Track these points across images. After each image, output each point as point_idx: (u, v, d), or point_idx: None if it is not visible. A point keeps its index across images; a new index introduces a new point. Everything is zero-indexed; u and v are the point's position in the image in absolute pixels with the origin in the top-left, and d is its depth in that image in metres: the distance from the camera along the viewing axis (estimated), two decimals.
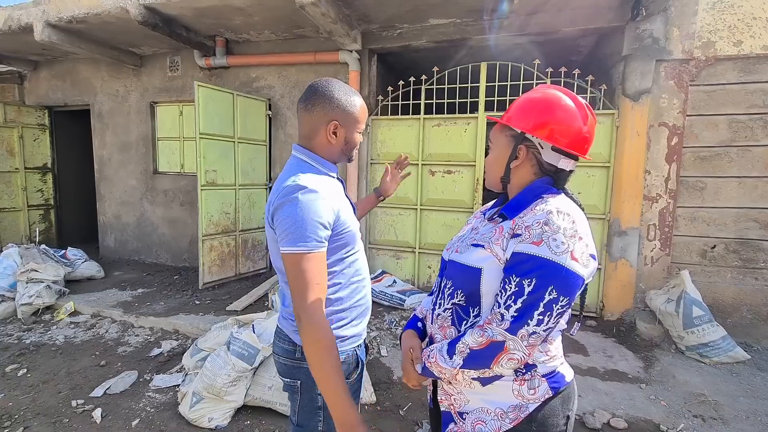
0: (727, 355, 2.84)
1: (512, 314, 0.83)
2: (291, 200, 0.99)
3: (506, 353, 0.84)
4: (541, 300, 0.81)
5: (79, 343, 3.18)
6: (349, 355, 1.15)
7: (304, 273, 0.97)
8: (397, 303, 3.74)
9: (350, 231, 1.11)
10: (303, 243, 0.97)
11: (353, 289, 1.16)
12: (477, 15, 3.61)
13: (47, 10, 3.95)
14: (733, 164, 3.21)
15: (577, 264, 0.82)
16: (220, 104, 4.12)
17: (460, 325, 0.97)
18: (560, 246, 0.81)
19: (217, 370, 2.27)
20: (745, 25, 3.06)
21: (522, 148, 0.95)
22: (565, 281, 0.81)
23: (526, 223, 0.87)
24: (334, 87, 1.11)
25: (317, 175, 1.10)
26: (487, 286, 0.91)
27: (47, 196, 5.80)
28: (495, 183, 1.03)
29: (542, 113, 0.93)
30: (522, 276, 0.83)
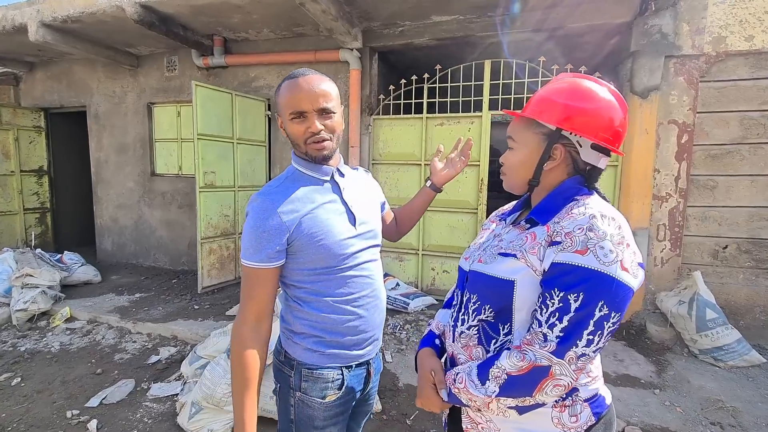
0: (743, 358, 2.76)
1: (557, 334, 0.73)
2: (247, 211, 1.00)
3: (552, 379, 0.74)
4: (590, 317, 0.72)
5: (75, 350, 3.10)
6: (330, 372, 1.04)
7: (243, 285, 0.99)
8: (401, 306, 3.66)
9: (326, 241, 0.98)
10: (246, 257, 0.97)
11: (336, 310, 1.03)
12: (481, 11, 3.54)
13: (42, 10, 3.87)
14: (745, 162, 3.13)
15: (628, 275, 0.72)
16: (218, 104, 4.03)
17: (488, 345, 0.86)
18: (608, 255, 0.72)
19: (216, 380, 2.18)
20: (757, 19, 2.98)
21: (558, 148, 0.84)
22: (617, 295, 0.71)
23: (565, 229, 0.77)
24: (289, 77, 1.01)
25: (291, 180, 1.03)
26: (521, 301, 0.81)
27: (43, 199, 5.71)
28: (519, 186, 0.92)
29: (581, 105, 0.82)
30: (567, 290, 0.73)
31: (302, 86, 0.97)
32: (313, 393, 1.02)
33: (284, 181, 1.03)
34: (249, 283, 0.97)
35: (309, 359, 1.03)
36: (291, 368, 1.04)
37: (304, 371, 1.03)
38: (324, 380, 1.03)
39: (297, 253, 0.99)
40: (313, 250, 0.98)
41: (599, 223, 0.74)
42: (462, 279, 0.97)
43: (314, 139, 0.99)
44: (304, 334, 1.03)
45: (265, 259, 0.95)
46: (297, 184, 1.02)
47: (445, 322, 1.05)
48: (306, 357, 1.03)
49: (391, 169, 4.13)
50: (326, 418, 1.04)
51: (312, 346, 1.03)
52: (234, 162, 4.27)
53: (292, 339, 1.05)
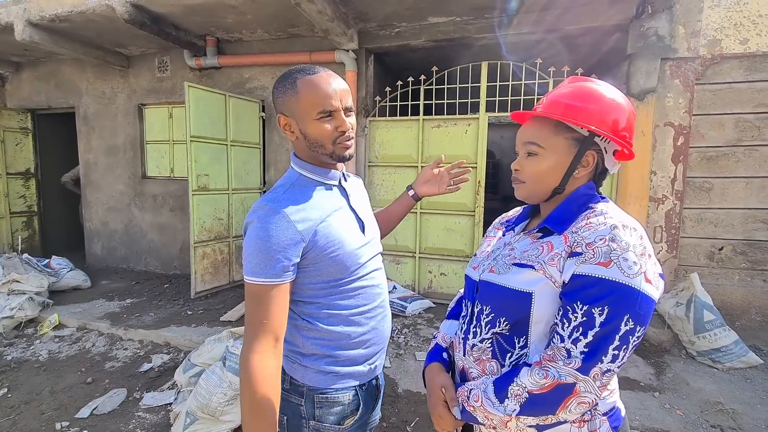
0: (740, 360, 2.77)
1: (582, 350, 0.70)
2: (252, 222, 0.88)
3: (576, 396, 0.71)
4: (616, 332, 0.69)
5: (64, 358, 3.01)
6: (346, 395, 0.97)
7: (252, 307, 0.87)
8: (399, 310, 3.62)
9: (342, 253, 0.93)
10: (255, 275, 0.86)
11: (352, 323, 0.97)
12: (478, 13, 3.52)
13: (28, 9, 3.77)
14: (740, 164, 3.15)
15: (651, 287, 0.70)
16: (211, 106, 3.96)
17: (503, 359, 0.83)
18: (632, 267, 0.69)
19: (212, 389, 2.12)
20: (752, 22, 3.00)
21: (591, 153, 0.82)
22: (641, 308, 0.69)
23: (586, 239, 0.74)
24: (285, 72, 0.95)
25: (301, 187, 0.95)
26: (540, 314, 0.78)
27: (30, 202, 5.57)
28: (543, 195, 0.86)
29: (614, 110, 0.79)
30: (591, 303, 0.70)
31: (328, 83, 0.91)
32: (329, 420, 0.95)
33: (290, 186, 0.95)
34: (262, 303, 0.86)
35: (322, 383, 0.95)
36: (300, 396, 0.96)
37: (317, 397, 0.95)
38: (340, 404, 0.96)
39: (309, 265, 0.91)
40: (327, 261, 0.92)
41: (622, 234, 0.72)
42: (471, 289, 0.92)
43: (344, 138, 0.94)
44: (316, 356, 0.96)
45: (280, 274, 0.86)
46: (306, 190, 0.95)
47: (451, 334, 1.01)
48: (318, 381, 0.95)
49: (387, 171, 4.09)
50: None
51: (325, 368, 0.95)
52: (228, 164, 4.19)
53: (300, 362, 0.97)
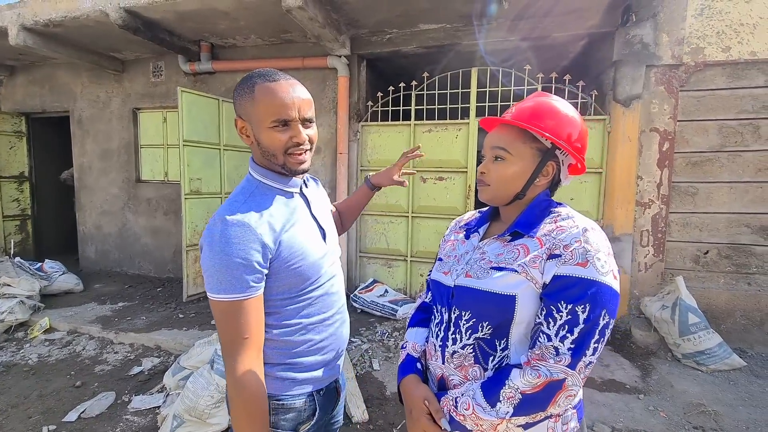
0: (724, 362, 2.81)
1: (569, 346, 0.74)
2: (213, 238, 0.84)
3: (565, 391, 0.75)
4: (597, 326, 0.75)
5: (54, 362, 3.01)
6: (301, 401, 0.97)
7: (228, 325, 0.84)
8: (389, 313, 3.65)
9: (304, 264, 0.93)
10: (226, 291, 0.83)
11: (309, 331, 0.97)
12: (467, 20, 3.58)
13: (23, 14, 3.80)
14: (725, 169, 3.20)
15: (617, 282, 0.78)
16: (204, 110, 4.00)
17: (486, 362, 0.85)
18: (605, 266, 0.77)
19: (199, 391, 2.14)
20: (733, 31, 3.07)
21: (551, 164, 0.89)
22: (614, 302, 0.76)
23: (563, 242, 0.79)
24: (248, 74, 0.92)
25: (260, 195, 0.92)
26: (522, 315, 0.81)
27: (24, 206, 5.57)
28: (504, 199, 0.91)
29: (569, 124, 0.87)
30: (574, 302, 0.75)
31: (287, 92, 0.88)
32: (284, 426, 0.95)
33: (250, 196, 0.92)
34: (240, 320, 0.84)
35: (278, 390, 0.95)
36: None
37: (272, 403, 0.93)
38: (295, 410, 0.96)
39: (271, 276, 0.89)
40: (288, 273, 0.91)
41: (593, 236, 0.79)
42: (445, 295, 0.92)
43: (297, 150, 0.91)
44: (272, 364, 0.95)
45: (252, 286, 0.85)
46: (266, 198, 0.92)
47: (421, 343, 1.01)
48: (275, 388, 0.94)
49: None
50: None
51: (281, 374, 0.95)
52: (221, 168, 4.22)
53: None
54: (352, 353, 2.99)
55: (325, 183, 4.24)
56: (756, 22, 3.03)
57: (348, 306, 3.85)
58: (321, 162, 4.22)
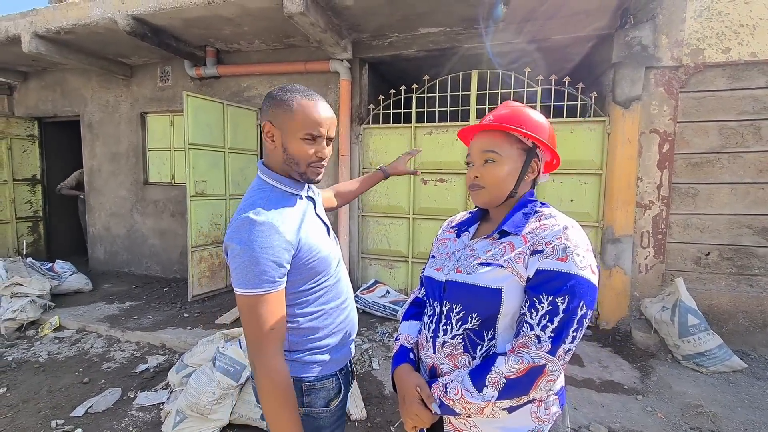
0: (724, 364, 2.80)
1: (550, 335, 0.80)
2: (241, 237, 0.91)
3: (546, 376, 0.81)
4: (575, 316, 0.80)
5: (63, 359, 3.10)
6: (330, 381, 1.08)
7: (257, 318, 0.91)
8: (390, 314, 3.69)
9: (319, 258, 1.02)
10: (254, 286, 0.90)
11: (329, 315, 1.08)
12: (467, 23, 3.62)
13: (35, 21, 3.92)
14: (725, 170, 3.19)
15: (595, 276, 0.84)
16: (210, 114, 4.08)
17: (474, 351, 0.91)
18: (583, 260, 0.82)
19: (201, 388, 2.20)
20: (733, 32, 3.07)
21: (535, 161, 0.97)
22: (591, 294, 0.82)
23: (545, 239, 0.86)
24: (282, 87, 1.02)
25: (278, 198, 1.01)
26: (508, 307, 0.87)
27: (36, 207, 5.72)
28: (501, 199, 0.97)
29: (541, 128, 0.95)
30: (555, 294, 0.81)
31: (323, 110, 1.00)
32: (317, 404, 1.05)
33: (269, 198, 0.99)
34: (267, 312, 0.91)
35: (309, 373, 1.05)
36: None
37: (305, 385, 1.04)
38: (326, 389, 1.06)
39: (292, 271, 0.98)
40: (307, 267, 1.00)
41: (572, 233, 0.85)
42: (437, 289, 0.99)
43: (319, 164, 1.03)
44: (301, 350, 1.05)
45: (278, 281, 0.93)
46: (282, 201, 1.01)
47: (414, 335, 1.07)
48: (306, 371, 1.04)
49: None
50: (332, 423, 1.09)
51: (309, 358, 1.05)
52: (225, 171, 4.31)
53: (287, 357, 1.04)
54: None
55: (327, 185, 4.30)
56: (756, 23, 3.03)
57: None
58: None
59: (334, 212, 4.25)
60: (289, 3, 3.00)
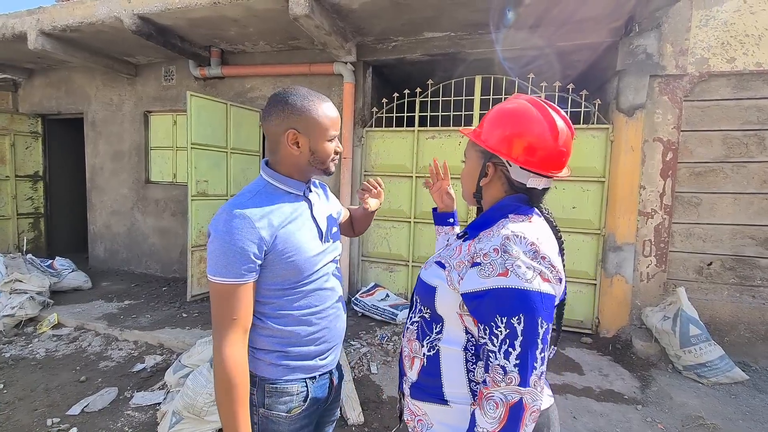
0: (725, 375, 2.77)
1: (515, 362, 0.74)
2: (217, 226, 0.95)
3: (528, 410, 0.74)
4: (536, 336, 0.75)
5: (60, 357, 3.09)
6: (294, 386, 1.04)
7: (220, 306, 0.94)
8: (389, 318, 3.67)
9: (298, 259, 1.01)
10: (222, 275, 0.93)
11: (302, 322, 1.05)
12: (472, 29, 3.62)
13: (41, 19, 3.94)
14: (729, 180, 3.18)
15: (549, 285, 0.78)
16: (213, 114, 4.09)
17: (422, 340, 0.94)
18: (528, 272, 0.76)
19: (198, 389, 2.18)
20: (738, 42, 3.06)
21: (490, 166, 0.92)
22: (547, 307, 0.76)
23: (483, 250, 0.82)
24: (293, 92, 1.02)
25: (266, 195, 1.02)
26: (441, 307, 0.89)
27: (37, 204, 5.73)
28: (468, 198, 1.01)
29: (507, 128, 0.89)
30: (509, 315, 0.75)
31: (335, 111, 1.07)
32: (277, 408, 1.02)
33: (257, 194, 1.02)
34: (231, 302, 0.93)
35: (273, 374, 1.03)
36: (253, 385, 1.01)
37: (268, 387, 1.02)
38: (288, 393, 1.03)
39: (267, 267, 0.98)
40: (283, 266, 0.99)
41: (511, 244, 0.79)
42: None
43: (335, 158, 1.10)
44: (267, 350, 1.03)
45: (245, 274, 0.94)
46: (271, 197, 1.02)
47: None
48: (269, 372, 1.03)
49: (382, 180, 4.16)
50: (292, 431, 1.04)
51: (275, 361, 1.03)
52: (227, 171, 4.31)
53: (253, 355, 1.03)
54: (350, 356, 3.02)
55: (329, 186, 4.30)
56: (761, 34, 3.03)
57: (349, 309, 3.90)
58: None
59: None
60: (295, 5, 3.01)
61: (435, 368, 0.91)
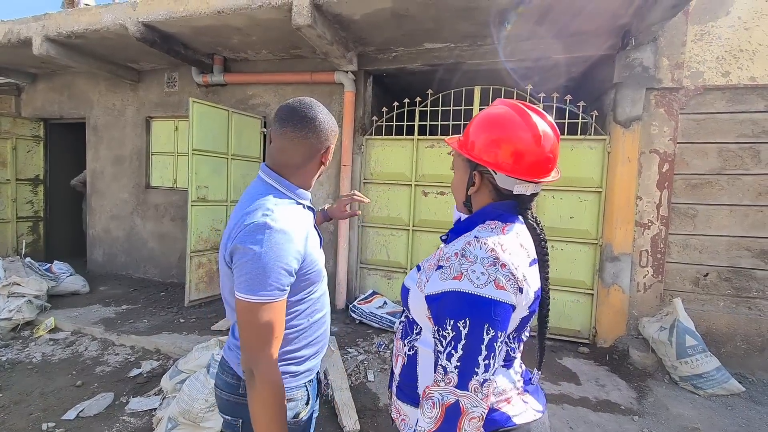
0: (722, 386, 2.77)
1: (456, 364, 0.73)
2: (257, 241, 0.88)
3: (465, 415, 0.72)
4: (481, 342, 0.73)
5: (57, 361, 3.08)
6: (299, 392, 1.06)
7: (262, 326, 0.89)
8: (387, 325, 3.67)
9: (316, 270, 1.04)
10: (264, 292, 0.88)
11: (313, 326, 1.09)
12: (471, 40, 3.68)
13: (47, 25, 3.99)
14: (724, 192, 3.21)
15: (505, 292, 0.75)
16: (214, 121, 4.12)
17: (404, 339, 0.97)
18: (480, 278, 0.75)
19: (194, 395, 2.18)
20: (732, 56, 3.12)
21: (476, 175, 0.90)
22: (498, 314, 0.74)
23: (447, 254, 0.83)
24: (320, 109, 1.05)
25: (288, 206, 1.00)
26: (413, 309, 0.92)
27: (37, 208, 5.74)
28: (460, 207, 0.99)
29: (490, 136, 0.87)
30: (456, 317, 0.74)
31: None
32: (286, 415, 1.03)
33: (280, 205, 0.98)
34: (272, 320, 0.89)
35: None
36: None
37: None
38: (295, 400, 1.05)
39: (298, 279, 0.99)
40: (304, 278, 1.00)
41: (470, 248, 0.79)
42: None
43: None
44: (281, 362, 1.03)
45: (285, 290, 0.93)
46: (292, 210, 1.01)
47: None
48: None
49: (381, 188, 4.20)
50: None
51: (284, 369, 1.02)
52: (227, 177, 4.33)
53: None
54: (347, 363, 3.02)
55: (328, 194, 4.33)
56: (755, 49, 3.08)
57: (346, 316, 3.90)
58: (325, 173, 4.31)
59: (334, 221, 4.26)
60: (298, 15, 3.06)
61: (413, 368, 0.93)
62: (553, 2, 2.90)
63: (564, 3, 2.91)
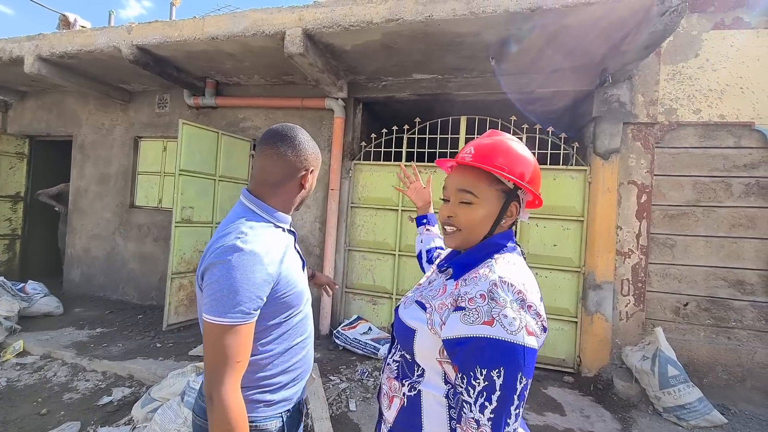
0: (704, 418, 2.77)
1: (489, 416, 0.70)
2: (224, 262, 0.88)
3: None
4: (514, 392, 0.71)
5: (22, 387, 2.92)
6: (273, 423, 1.02)
7: (224, 349, 0.87)
8: (371, 352, 3.60)
9: (294, 293, 1.02)
10: (229, 314, 0.87)
11: (289, 351, 1.05)
12: (458, 72, 3.82)
13: (40, 45, 4.02)
14: (700, 223, 3.32)
15: (533, 338, 0.74)
16: (203, 142, 4.14)
17: (402, 381, 0.89)
18: (513, 323, 0.73)
19: (166, 424, 2.09)
20: (703, 95, 3.30)
21: (514, 205, 0.88)
22: (529, 362, 0.72)
23: (469, 294, 0.78)
24: (300, 133, 1.07)
25: (264, 229, 0.99)
26: (420, 351, 0.84)
27: (15, 225, 5.58)
28: (475, 242, 0.89)
29: (530, 167, 0.87)
30: (489, 367, 0.71)
31: None
32: None
33: (257, 228, 0.98)
34: (235, 344, 0.88)
35: (252, 412, 1.00)
36: None
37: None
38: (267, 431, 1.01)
39: (265, 304, 0.96)
40: (279, 301, 0.98)
41: (499, 291, 0.76)
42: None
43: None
44: (248, 387, 1.00)
45: (253, 313, 0.91)
46: (269, 232, 1.00)
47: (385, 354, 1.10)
48: (249, 410, 0.99)
49: (368, 213, 4.22)
50: None
51: (255, 396, 1.00)
52: (215, 198, 4.31)
53: None
54: (329, 392, 2.93)
55: (315, 217, 4.33)
56: (723, 89, 3.27)
57: (330, 342, 3.82)
58: (313, 197, 4.32)
59: (320, 245, 4.24)
60: (290, 44, 3.15)
61: (415, 413, 0.85)
62: (534, 41, 3.05)
63: (544, 42, 3.07)
